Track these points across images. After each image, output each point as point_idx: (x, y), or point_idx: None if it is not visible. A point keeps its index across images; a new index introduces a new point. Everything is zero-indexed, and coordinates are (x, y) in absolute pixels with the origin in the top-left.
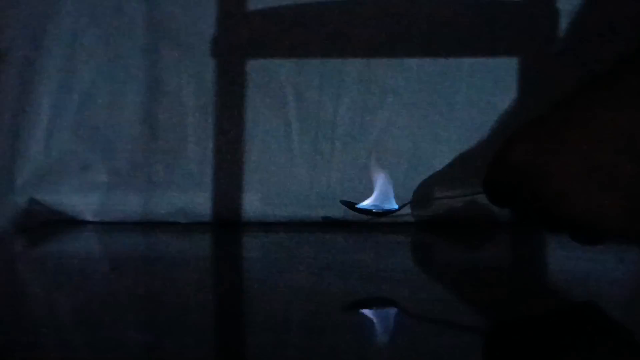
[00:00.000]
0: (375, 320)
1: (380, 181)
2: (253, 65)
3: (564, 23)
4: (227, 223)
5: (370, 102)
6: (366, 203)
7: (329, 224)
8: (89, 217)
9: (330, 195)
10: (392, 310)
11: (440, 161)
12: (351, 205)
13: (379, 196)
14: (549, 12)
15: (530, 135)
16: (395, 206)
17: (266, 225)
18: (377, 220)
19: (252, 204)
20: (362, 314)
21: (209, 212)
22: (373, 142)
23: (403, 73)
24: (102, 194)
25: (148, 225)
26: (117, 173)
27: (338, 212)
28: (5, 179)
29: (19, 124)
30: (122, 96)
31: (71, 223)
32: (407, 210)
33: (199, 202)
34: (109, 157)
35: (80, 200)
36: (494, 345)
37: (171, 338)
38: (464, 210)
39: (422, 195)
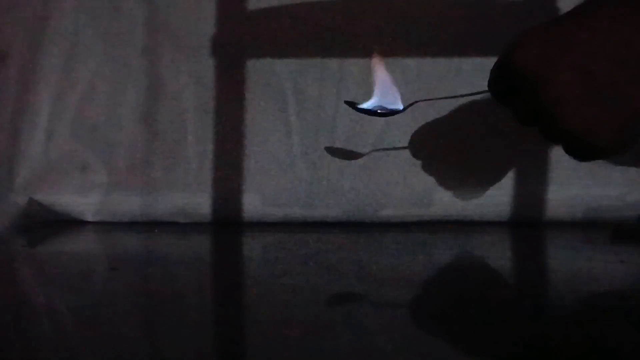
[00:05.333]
0: (375, 321)
1: (382, 82)
2: (253, 65)
3: None
4: (227, 223)
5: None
6: (370, 103)
7: (329, 224)
8: (89, 217)
9: (330, 196)
10: (392, 311)
11: (440, 161)
12: (354, 105)
13: (381, 96)
14: (549, 12)
15: (534, 41)
16: (401, 106)
17: (266, 225)
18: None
19: (252, 204)
20: (362, 314)
21: (209, 212)
22: (373, 142)
23: (403, 73)
24: (102, 194)
25: (148, 225)
26: (116, 173)
27: (338, 212)
28: (5, 179)
29: (19, 124)
30: (121, 96)
31: (71, 223)
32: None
33: (199, 202)
34: (109, 157)
35: (80, 200)
36: (494, 344)
37: (171, 338)
38: (464, 210)
39: (422, 195)
